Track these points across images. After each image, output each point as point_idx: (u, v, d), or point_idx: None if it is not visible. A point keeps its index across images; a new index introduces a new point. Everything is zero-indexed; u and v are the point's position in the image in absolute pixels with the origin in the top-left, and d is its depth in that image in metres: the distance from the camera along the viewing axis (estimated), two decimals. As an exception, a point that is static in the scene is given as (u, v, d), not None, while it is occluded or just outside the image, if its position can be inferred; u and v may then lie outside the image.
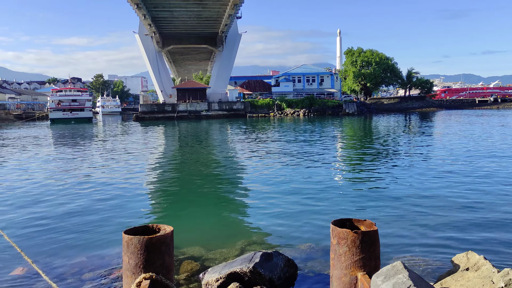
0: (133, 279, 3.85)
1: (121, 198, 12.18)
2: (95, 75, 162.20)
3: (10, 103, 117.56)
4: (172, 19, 72.50)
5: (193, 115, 74.87)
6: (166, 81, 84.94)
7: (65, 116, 74.87)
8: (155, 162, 20.97)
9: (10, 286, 6.48)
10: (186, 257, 7.34)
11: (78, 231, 9.09)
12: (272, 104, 78.56)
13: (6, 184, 14.77)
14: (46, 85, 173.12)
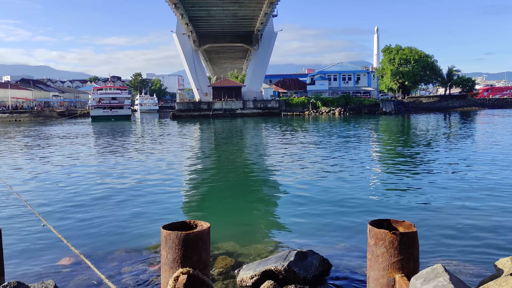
0: (171, 273, 3.93)
1: (159, 194, 12.46)
2: (134, 73, 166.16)
3: (54, 100, 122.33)
4: (208, 18, 73.20)
5: (228, 113, 75.41)
6: (202, 79, 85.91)
7: (105, 114, 77.02)
8: (191, 159, 21.29)
9: (57, 274, 6.78)
10: (221, 253, 7.43)
11: (118, 225, 9.37)
12: (307, 103, 78.04)
13: (52, 178, 15.38)
14: (88, 83, 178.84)
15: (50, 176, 15.91)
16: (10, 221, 9.60)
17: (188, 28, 77.05)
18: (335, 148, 23.01)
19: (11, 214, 10.29)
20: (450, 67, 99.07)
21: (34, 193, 12.74)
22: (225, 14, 70.63)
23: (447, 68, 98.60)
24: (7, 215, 10.22)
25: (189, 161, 20.55)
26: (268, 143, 28.57)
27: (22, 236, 8.57)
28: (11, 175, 16.24)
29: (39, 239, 8.41)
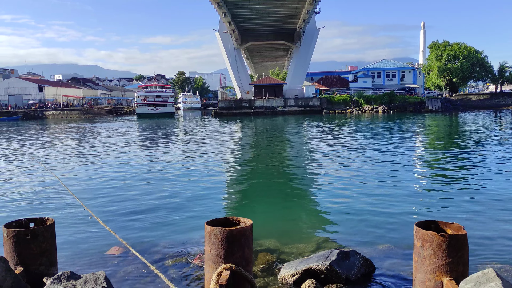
0: (214, 268, 3.99)
1: (201, 190, 12.66)
2: (177, 72, 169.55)
3: (102, 98, 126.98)
4: (251, 16, 73.51)
5: (269, 111, 75.47)
6: (244, 77, 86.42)
7: (150, 111, 78.96)
8: (232, 156, 21.49)
9: (106, 264, 7.04)
10: (262, 250, 7.45)
11: (162, 219, 9.60)
12: (350, 100, 76.81)
13: (99, 172, 15.98)
14: (134, 82, 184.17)
15: (98, 170, 16.54)
16: (61, 213, 10.05)
17: (230, 27, 77.71)
18: (379, 147, 22.54)
19: (61, 206, 10.78)
20: (502, 63, 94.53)
21: (83, 187, 13.28)
22: (267, 12, 70.67)
23: (498, 64, 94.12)
24: (57, 207, 10.71)
25: (231, 158, 20.75)
26: (309, 140, 28.38)
27: (72, 228, 8.94)
28: (62, 169, 17.01)
29: (87, 231, 8.75)
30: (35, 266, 4.67)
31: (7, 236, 4.70)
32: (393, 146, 22.96)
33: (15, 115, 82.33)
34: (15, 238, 4.68)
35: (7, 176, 15.77)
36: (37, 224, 5.04)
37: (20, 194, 12.33)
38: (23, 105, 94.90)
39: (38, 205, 10.98)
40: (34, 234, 4.69)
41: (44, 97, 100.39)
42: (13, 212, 10.33)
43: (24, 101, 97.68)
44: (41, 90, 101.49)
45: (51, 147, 26.61)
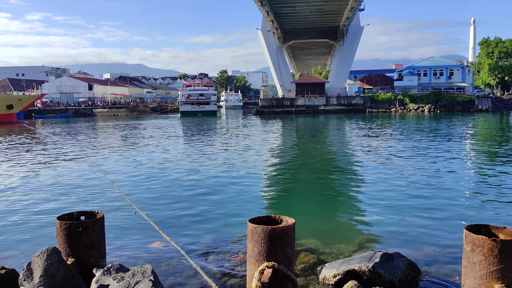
0: (256, 266, 4.01)
1: (243, 187, 12.77)
2: (220, 71, 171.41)
3: (147, 96, 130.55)
4: (293, 14, 73.22)
5: (311, 109, 74.91)
6: (286, 76, 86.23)
7: (193, 109, 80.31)
8: (274, 154, 21.51)
9: (149, 257, 7.25)
10: (303, 249, 7.42)
11: (204, 215, 9.76)
12: (394, 99, 74.93)
13: (143, 168, 16.45)
14: (178, 80, 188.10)
15: (143, 167, 17.02)
16: (107, 207, 10.42)
17: (273, 25, 77.73)
18: (425, 147, 21.85)
19: (108, 201, 11.18)
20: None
21: (128, 182, 13.71)
22: (310, 10, 70.15)
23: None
24: (104, 202, 11.12)
25: (272, 156, 20.77)
26: (351, 140, 27.94)
27: (117, 222, 9.25)
28: (109, 165, 17.63)
29: (132, 225, 9.03)
30: (85, 258, 4.88)
31: (60, 228, 4.93)
32: (440, 146, 22.20)
33: (66, 112, 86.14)
34: (67, 230, 4.90)
35: (59, 170, 16.54)
36: (87, 217, 5.26)
37: (70, 188, 12.90)
38: (74, 103, 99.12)
39: (86, 199, 11.45)
40: (85, 226, 4.90)
41: (93, 95, 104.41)
42: (63, 205, 10.83)
43: (75, 99, 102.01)
44: (90, 89, 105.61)
45: (99, 144, 27.65)
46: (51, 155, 21.60)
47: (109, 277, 3.67)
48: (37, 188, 13.05)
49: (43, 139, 32.96)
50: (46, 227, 8.99)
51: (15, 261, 7.14)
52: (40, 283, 4.22)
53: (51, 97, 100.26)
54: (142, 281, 3.39)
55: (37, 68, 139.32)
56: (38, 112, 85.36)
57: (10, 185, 13.76)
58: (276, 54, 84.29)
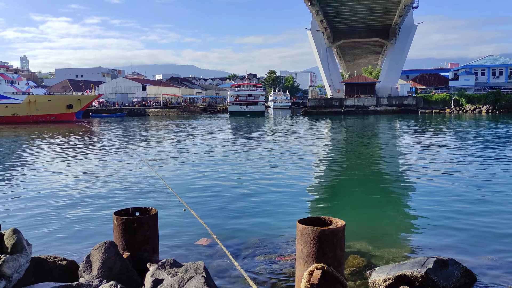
0: (305, 267, 4.02)
1: (291, 187, 12.76)
2: (269, 71, 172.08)
3: (197, 97, 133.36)
4: (344, 13, 72.22)
5: (361, 110, 73.52)
6: (335, 76, 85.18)
7: (242, 110, 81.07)
8: (322, 155, 21.33)
9: (195, 253, 7.44)
10: (352, 252, 7.32)
11: (251, 215, 9.84)
12: (449, 100, 71.95)
13: (193, 166, 16.83)
14: (227, 81, 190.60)
15: (193, 165, 17.42)
16: (158, 204, 10.76)
17: (322, 25, 77.06)
18: (482, 150, 20.84)
19: (159, 198, 11.54)
20: None
21: (178, 180, 14.08)
22: (361, 8, 68.90)
23: None
24: (156, 199, 11.50)
25: (321, 156, 20.60)
26: (404, 141, 27.14)
27: (167, 218, 9.51)
28: (160, 163, 18.19)
29: (181, 221, 9.27)
30: (140, 253, 5.08)
31: (116, 223, 5.17)
32: (499, 149, 21.10)
33: (121, 112, 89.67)
34: (123, 225, 5.13)
35: (114, 167, 17.27)
36: (142, 213, 5.47)
37: (123, 185, 13.44)
38: (128, 103, 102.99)
39: (139, 196, 11.89)
40: (140, 222, 5.11)
41: (146, 95, 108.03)
42: (118, 200, 11.30)
43: (129, 99, 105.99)
44: (144, 89, 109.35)
45: (151, 143, 28.59)
46: (107, 153, 22.59)
47: (164, 272, 3.82)
48: (94, 184, 13.70)
49: (100, 137, 34.53)
50: (102, 221, 9.44)
51: (73, 251, 7.55)
52: (98, 275, 4.45)
53: (107, 97, 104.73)
54: (195, 277, 3.50)
55: (95, 70, 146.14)
56: (95, 111, 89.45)
57: (71, 181, 14.54)
58: (325, 53, 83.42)
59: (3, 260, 4.13)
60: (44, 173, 16.26)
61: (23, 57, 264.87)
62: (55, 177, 15.27)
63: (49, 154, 23.00)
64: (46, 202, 11.38)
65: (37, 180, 14.77)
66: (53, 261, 4.94)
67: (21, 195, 12.29)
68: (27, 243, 4.52)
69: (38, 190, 13.02)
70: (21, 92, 67.90)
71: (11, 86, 67.19)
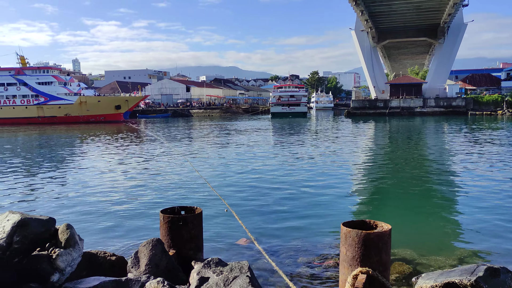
0: (349, 271, 3.97)
1: (334, 190, 12.60)
2: (311, 72, 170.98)
3: (240, 98, 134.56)
4: (389, 12, 70.67)
5: (406, 111, 71.57)
6: (379, 76, 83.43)
7: (284, 111, 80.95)
8: (366, 157, 20.94)
9: (234, 252, 7.53)
10: (397, 258, 7.15)
11: (292, 217, 9.81)
12: (501, 101, 68.64)
13: (235, 166, 16.99)
14: (269, 82, 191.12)
15: (234, 165, 17.58)
16: (201, 203, 10.94)
17: (367, 25, 75.76)
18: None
19: (202, 198, 11.74)
20: None
21: (221, 181, 14.25)
22: (408, 7, 67.15)
23: None
24: (199, 198, 11.70)
25: (365, 159, 20.23)
26: (452, 144, 26.16)
27: (210, 217, 9.65)
28: (203, 164, 18.49)
29: (222, 221, 9.38)
30: (185, 250, 5.20)
31: (163, 221, 5.32)
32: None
33: (166, 113, 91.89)
34: (169, 223, 5.27)
35: (159, 166, 17.74)
36: (187, 212, 5.60)
37: (168, 184, 13.79)
38: (173, 104, 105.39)
39: (183, 195, 12.15)
40: (185, 221, 5.23)
41: (190, 96, 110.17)
42: (163, 199, 11.60)
43: (174, 100, 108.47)
44: (188, 90, 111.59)
45: (194, 143, 29.13)
46: (153, 153, 23.23)
47: (209, 270, 3.89)
48: (140, 182, 14.13)
49: (146, 137, 35.56)
50: (147, 218, 9.72)
51: (120, 246, 7.82)
52: (145, 271, 4.59)
53: (153, 98, 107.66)
54: (240, 277, 3.55)
55: (142, 72, 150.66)
56: (142, 112, 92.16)
57: (118, 179, 15.07)
58: (370, 54, 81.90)
59: (57, 254, 4.35)
60: (94, 171, 16.95)
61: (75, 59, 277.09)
62: (104, 175, 15.89)
63: (98, 153, 23.95)
64: (95, 198, 11.87)
65: (87, 178, 15.42)
66: (103, 256, 5.14)
67: (72, 192, 12.88)
68: (79, 238, 4.73)
69: (88, 187, 13.59)
70: (73, 93, 71.04)
71: (64, 88, 70.46)
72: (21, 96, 69.63)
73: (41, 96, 69.20)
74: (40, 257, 4.28)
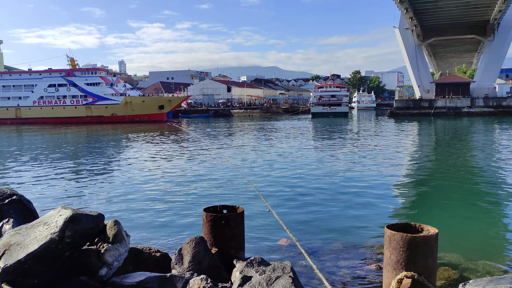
0: (393, 274, 3.89)
1: (377, 191, 12.38)
2: (353, 71, 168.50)
3: (280, 98, 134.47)
4: (435, 10, 68.50)
5: (452, 111, 69.06)
6: (424, 75, 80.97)
7: (324, 111, 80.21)
8: (411, 158, 20.40)
9: (281, 252, 7.54)
10: (442, 263, 6.93)
11: (335, 218, 9.72)
12: (557, 101, 64.96)
13: (276, 166, 17.01)
14: (310, 82, 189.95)
15: (275, 165, 17.60)
16: (242, 203, 11.02)
17: (412, 23, 73.78)
18: None
19: (243, 197, 11.83)
20: None
21: (260, 179, 14.31)
22: (455, 4, 64.81)
23: None
24: (239, 198, 11.80)
25: (409, 160, 19.71)
26: (503, 145, 25.00)
27: (251, 217, 9.70)
28: (244, 164, 18.63)
29: (264, 221, 9.41)
30: (227, 249, 5.26)
31: (206, 219, 5.41)
32: None
33: (207, 113, 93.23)
34: (211, 222, 5.35)
35: (200, 166, 18.03)
36: (229, 211, 5.66)
37: (209, 183, 13.99)
38: (214, 104, 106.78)
39: (223, 194, 12.29)
40: (227, 220, 5.29)
41: (231, 96, 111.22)
42: (203, 197, 11.79)
43: (215, 100, 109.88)
44: (229, 90, 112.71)
45: (235, 143, 29.38)
46: (194, 152, 23.65)
47: (252, 269, 3.92)
48: (182, 181, 14.43)
49: (188, 137, 36.23)
50: (188, 216, 9.92)
51: (164, 243, 8.02)
52: (189, 268, 4.69)
53: (195, 98, 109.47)
54: (282, 277, 3.56)
55: (184, 72, 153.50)
56: (184, 112, 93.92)
57: (161, 177, 15.45)
58: (415, 52, 79.65)
59: (105, 249, 4.52)
60: (139, 169, 17.47)
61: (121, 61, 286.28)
62: (147, 173, 16.34)
63: (143, 152, 24.65)
64: (139, 195, 12.23)
65: (132, 175, 15.91)
66: (148, 252, 5.29)
67: (118, 188, 13.33)
68: (126, 234, 4.89)
69: (133, 184, 14.03)
70: (119, 93, 73.44)
71: (111, 88, 72.97)
72: (71, 97, 72.68)
73: (89, 97, 71.95)
74: (90, 252, 4.46)
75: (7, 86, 74.50)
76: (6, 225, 5.11)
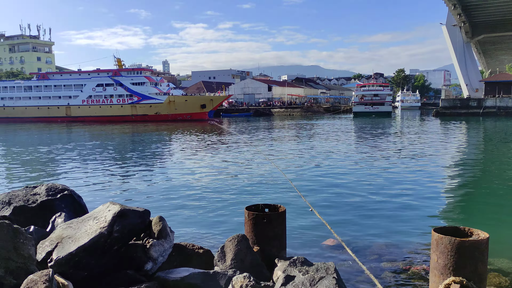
0: (440, 279, 3.78)
1: (424, 193, 12.06)
2: (397, 70, 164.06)
3: (321, 97, 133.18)
4: (485, 6, 65.76)
5: (503, 111, 65.96)
6: (473, 74, 77.78)
7: (367, 110, 78.75)
8: (459, 160, 19.69)
9: (322, 253, 7.49)
10: (493, 269, 6.64)
11: (380, 219, 9.54)
12: None
13: (317, 166, 16.87)
14: (352, 80, 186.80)
15: (316, 164, 17.46)
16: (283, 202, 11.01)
17: (460, 19, 71.10)
18: None
19: (285, 197, 11.81)
20: None
21: (302, 178, 14.24)
22: (507, -1, 61.95)
23: None
24: (281, 197, 11.79)
25: (457, 161, 19.03)
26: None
27: (293, 217, 9.68)
28: (285, 163, 18.59)
29: (306, 221, 9.37)
30: (268, 248, 5.28)
31: (248, 217, 5.45)
32: None
33: (248, 112, 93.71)
34: (253, 220, 5.38)
35: (241, 164, 18.18)
36: (271, 210, 5.68)
37: (250, 181, 14.07)
38: (255, 103, 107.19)
39: (264, 193, 12.33)
40: (269, 218, 5.31)
41: (272, 95, 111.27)
42: (244, 196, 11.87)
43: (255, 99, 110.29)
44: (269, 90, 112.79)
45: (276, 142, 29.39)
46: (236, 151, 23.87)
47: (295, 269, 3.92)
48: (224, 179, 14.61)
49: (230, 135, 36.60)
50: (230, 213, 10.02)
51: (206, 239, 8.16)
52: (231, 265, 4.74)
53: (236, 97, 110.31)
54: (326, 278, 3.53)
55: (225, 72, 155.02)
56: (225, 111, 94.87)
57: (203, 175, 15.71)
58: (463, 50, 76.69)
59: (151, 244, 4.65)
60: (182, 167, 17.85)
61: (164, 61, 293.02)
62: (190, 171, 16.66)
63: (186, 150, 25.14)
64: (182, 192, 12.49)
65: (176, 173, 16.28)
66: (191, 248, 5.40)
67: (162, 185, 13.68)
68: (170, 230, 5.01)
69: (177, 181, 14.35)
70: (162, 93, 75.19)
71: (155, 88, 74.81)
72: (117, 96, 75.12)
73: (134, 96, 74.09)
74: (136, 246, 4.61)
75: (58, 86, 77.96)
76: (58, 218, 5.36)
